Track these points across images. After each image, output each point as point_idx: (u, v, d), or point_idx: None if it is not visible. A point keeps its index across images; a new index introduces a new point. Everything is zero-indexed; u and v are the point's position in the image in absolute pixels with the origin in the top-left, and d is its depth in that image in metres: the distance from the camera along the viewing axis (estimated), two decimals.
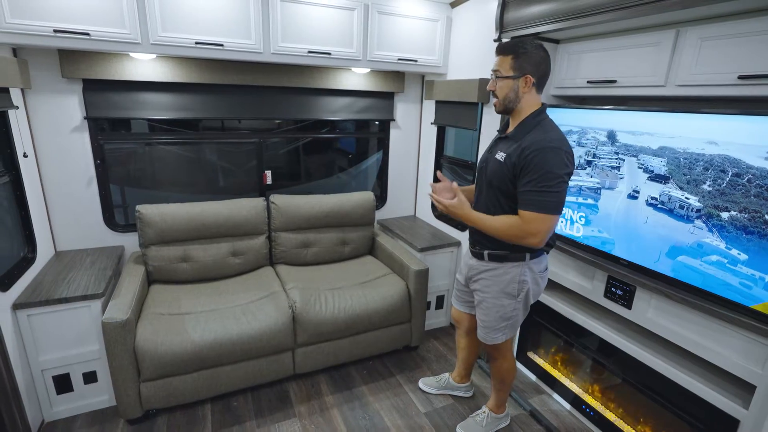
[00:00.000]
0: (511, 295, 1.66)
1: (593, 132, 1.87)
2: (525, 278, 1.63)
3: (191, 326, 1.96)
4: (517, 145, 1.49)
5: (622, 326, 1.89)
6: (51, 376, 1.91)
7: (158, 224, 2.27)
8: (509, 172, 1.50)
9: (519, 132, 1.53)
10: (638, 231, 1.71)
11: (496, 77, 1.56)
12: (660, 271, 1.63)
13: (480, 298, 1.74)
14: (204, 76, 2.38)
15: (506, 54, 1.52)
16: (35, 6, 1.76)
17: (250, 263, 2.56)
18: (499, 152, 1.56)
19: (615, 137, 1.77)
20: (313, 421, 2.03)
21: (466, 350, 2.15)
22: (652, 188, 1.64)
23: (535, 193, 1.42)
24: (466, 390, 2.25)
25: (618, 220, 1.79)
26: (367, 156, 3.44)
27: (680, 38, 1.54)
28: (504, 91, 1.54)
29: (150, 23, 1.96)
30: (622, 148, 1.75)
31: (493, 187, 1.58)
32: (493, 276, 1.66)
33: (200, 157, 2.92)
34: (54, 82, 2.12)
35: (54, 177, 2.23)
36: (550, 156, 1.41)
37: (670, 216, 1.58)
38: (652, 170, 1.64)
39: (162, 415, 2.02)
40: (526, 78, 1.50)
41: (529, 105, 1.55)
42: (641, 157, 1.68)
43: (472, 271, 1.76)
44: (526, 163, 1.43)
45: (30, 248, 2.05)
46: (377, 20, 2.46)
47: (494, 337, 1.74)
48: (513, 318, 1.70)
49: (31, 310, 1.79)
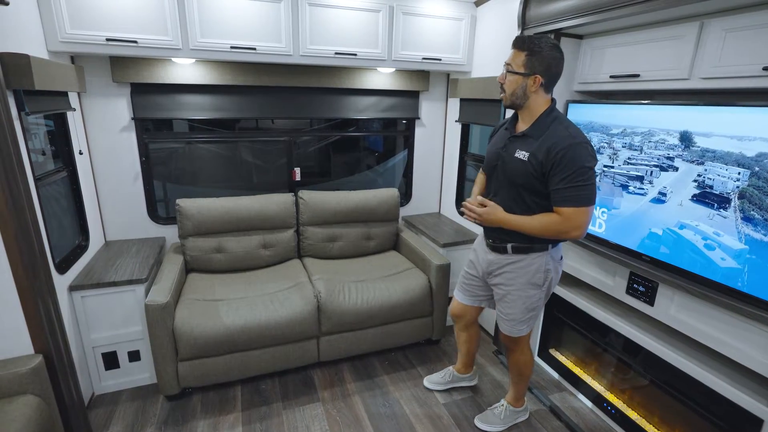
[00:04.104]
0: (537, 285, 1.68)
1: (661, 132, 1.67)
2: (549, 267, 1.66)
3: (224, 311, 2.10)
4: (539, 143, 1.51)
5: (644, 323, 1.87)
6: (101, 353, 2.10)
7: (195, 217, 2.44)
8: (536, 170, 1.51)
9: (536, 130, 1.55)
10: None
11: (507, 71, 1.56)
12: (683, 267, 1.61)
13: (504, 291, 1.75)
14: (238, 79, 2.54)
15: (521, 49, 1.52)
16: (90, 18, 1.96)
17: (279, 255, 2.69)
18: (519, 151, 1.57)
19: (690, 139, 1.56)
20: (336, 406, 2.13)
21: (468, 342, 2.15)
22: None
23: (571, 189, 1.45)
24: (470, 379, 2.29)
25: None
26: (394, 154, 3.52)
27: (704, 30, 1.51)
28: (512, 86, 1.55)
29: (190, 30, 2.12)
30: (694, 154, 1.55)
31: (517, 185, 1.59)
32: (518, 268, 1.68)
33: (234, 155, 3.10)
34: (106, 86, 2.33)
35: (105, 173, 2.44)
36: (579, 151, 1.44)
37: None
38: (711, 185, 1.49)
39: (197, 394, 2.18)
40: (536, 78, 1.50)
41: (537, 104, 1.55)
42: (711, 166, 1.50)
43: (492, 266, 1.76)
44: (556, 162, 1.45)
45: (84, 237, 2.26)
46: (402, 21, 2.52)
47: (520, 330, 1.76)
48: (537, 308, 1.74)
49: (85, 292, 1.99)
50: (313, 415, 2.06)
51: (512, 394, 2.02)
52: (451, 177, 3.17)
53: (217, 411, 2.07)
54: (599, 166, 1.96)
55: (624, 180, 1.86)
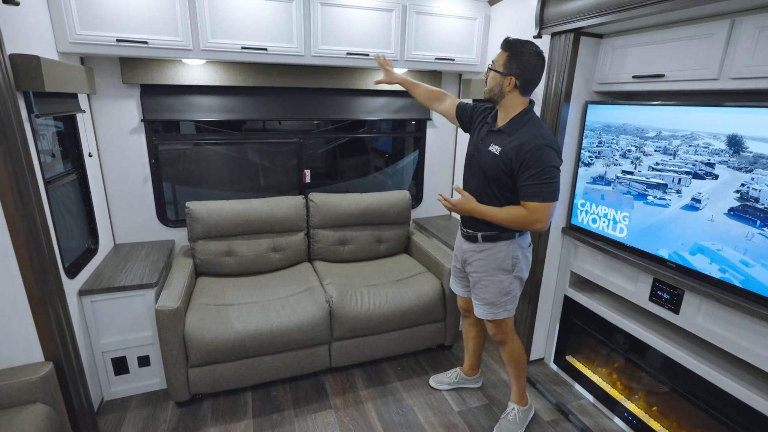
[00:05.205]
0: (507, 270, 1.77)
1: (706, 136, 1.55)
2: (517, 254, 1.75)
3: (234, 317, 2.07)
4: (511, 140, 1.60)
5: (667, 331, 1.82)
6: (110, 358, 2.07)
7: (205, 220, 2.41)
8: (505, 165, 1.60)
9: (511, 128, 1.63)
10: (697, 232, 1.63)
11: (488, 67, 1.66)
12: (710, 274, 1.55)
13: (476, 278, 1.83)
14: (249, 80, 2.50)
15: (504, 49, 1.61)
16: (100, 18, 1.92)
17: (290, 259, 2.65)
18: (493, 145, 1.66)
19: (741, 144, 1.44)
20: (348, 414, 2.08)
21: (476, 340, 2.20)
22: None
23: (537, 185, 1.55)
24: (476, 381, 2.29)
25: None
26: (404, 155, 3.47)
27: (735, 29, 1.46)
28: (492, 82, 1.65)
29: (201, 31, 2.09)
30: (744, 160, 1.42)
31: (487, 177, 1.69)
32: (488, 255, 1.77)
33: (244, 156, 3.07)
34: (115, 87, 2.30)
35: (114, 175, 2.41)
36: (546, 152, 1.53)
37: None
38: (756, 197, 1.38)
39: (207, 400, 2.14)
40: (510, 78, 1.59)
41: (513, 104, 1.64)
42: (762, 174, 1.37)
43: (466, 254, 1.86)
44: (525, 159, 1.55)
45: (93, 240, 2.23)
46: (415, 20, 2.48)
47: (495, 313, 1.82)
48: (512, 292, 1.80)
49: (94, 297, 1.96)
50: (325, 423, 2.02)
51: (516, 391, 2.01)
52: None
53: (228, 418, 2.04)
54: (614, 173, 1.93)
55: (643, 188, 1.80)
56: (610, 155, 1.95)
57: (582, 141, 2.08)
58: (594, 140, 2.02)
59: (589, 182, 2.07)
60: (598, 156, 2.02)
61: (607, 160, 1.97)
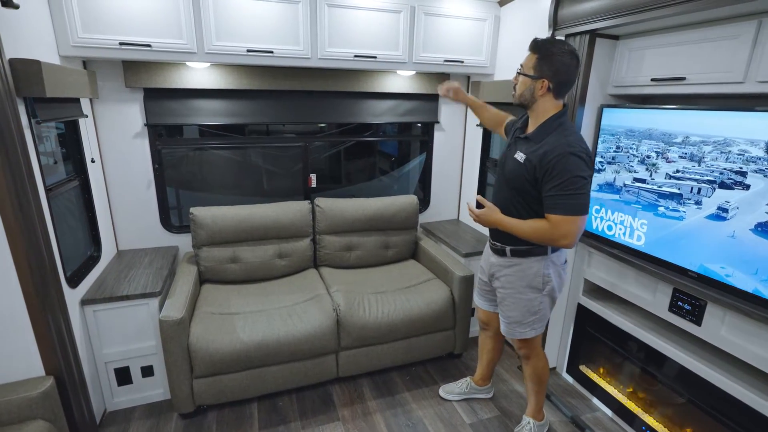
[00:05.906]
0: (537, 289, 1.65)
1: (743, 142, 1.45)
2: (548, 272, 1.64)
3: (240, 326, 2.02)
4: (537, 147, 1.50)
5: (686, 341, 1.75)
6: (113, 368, 2.02)
7: (210, 226, 2.36)
8: (528, 174, 1.51)
9: (539, 134, 1.53)
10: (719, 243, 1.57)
11: (518, 72, 1.57)
12: (736, 286, 1.49)
13: (503, 294, 1.74)
14: (254, 83, 2.45)
15: (533, 51, 1.51)
16: (103, 21, 1.88)
17: (295, 265, 2.60)
18: (519, 152, 1.57)
19: None
20: (357, 426, 2.03)
21: (492, 352, 2.12)
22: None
23: (561, 197, 1.44)
24: (487, 391, 2.23)
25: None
26: (409, 159, 3.42)
27: (763, 29, 1.39)
28: (521, 87, 1.56)
29: (205, 33, 2.04)
30: None
31: (510, 187, 1.60)
32: (517, 271, 1.67)
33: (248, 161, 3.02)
34: (118, 91, 2.25)
35: (117, 181, 2.37)
36: (572, 160, 1.42)
37: None
38: None
39: (212, 411, 2.09)
40: (543, 82, 1.49)
41: (545, 108, 1.54)
42: None
43: (494, 268, 1.77)
44: (549, 168, 1.44)
45: (96, 247, 2.19)
46: (423, 22, 2.42)
47: (522, 332, 1.72)
48: (541, 312, 1.69)
49: (97, 306, 1.91)
50: None
51: (533, 405, 1.94)
52: (471, 183, 3.06)
53: (233, 430, 1.98)
54: (624, 180, 1.87)
55: (654, 198, 1.74)
56: (625, 161, 1.89)
57: (597, 146, 2.02)
58: (611, 145, 1.95)
59: (595, 189, 2.01)
60: (611, 162, 1.96)
61: (620, 166, 1.91)
